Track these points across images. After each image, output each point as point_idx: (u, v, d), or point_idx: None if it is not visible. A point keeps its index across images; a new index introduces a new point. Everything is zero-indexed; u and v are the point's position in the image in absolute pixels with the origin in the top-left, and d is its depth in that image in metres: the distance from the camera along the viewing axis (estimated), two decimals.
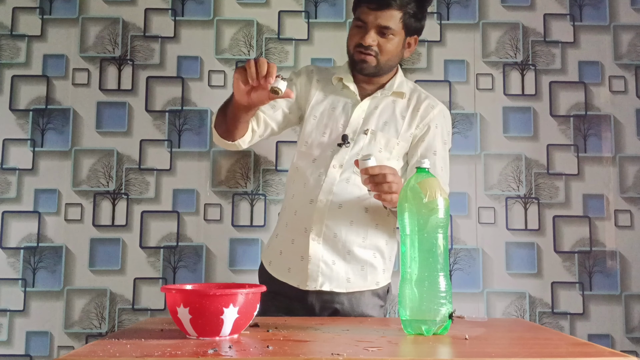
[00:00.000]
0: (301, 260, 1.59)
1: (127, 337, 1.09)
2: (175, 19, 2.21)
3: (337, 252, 1.59)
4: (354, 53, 1.61)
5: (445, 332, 1.14)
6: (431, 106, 1.67)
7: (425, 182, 1.16)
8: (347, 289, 1.59)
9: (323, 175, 1.59)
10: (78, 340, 2.07)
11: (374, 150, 1.60)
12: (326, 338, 1.12)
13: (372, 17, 1.56)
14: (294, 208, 1.63)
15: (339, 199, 1.58)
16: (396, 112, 1.65)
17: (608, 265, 2.14)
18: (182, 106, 2.17)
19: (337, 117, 1.65)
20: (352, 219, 1.60)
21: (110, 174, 2.14)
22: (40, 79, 2.17)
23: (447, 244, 1.16)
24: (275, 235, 1.70)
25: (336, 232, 1.58)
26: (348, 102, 1.66)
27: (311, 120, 1.65)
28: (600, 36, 2.24)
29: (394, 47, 1.60)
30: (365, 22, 1.57)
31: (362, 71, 1.62)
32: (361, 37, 1.58)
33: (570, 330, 2.11)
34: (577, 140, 2.20)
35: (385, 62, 1.61)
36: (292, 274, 1.60)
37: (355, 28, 1.61)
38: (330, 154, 1.61)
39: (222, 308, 1.04)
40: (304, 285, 1.58)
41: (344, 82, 1.67)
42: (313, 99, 1.67)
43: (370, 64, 1.59)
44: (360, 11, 1.59)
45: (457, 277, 2.12)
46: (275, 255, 1.66)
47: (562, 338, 1.14)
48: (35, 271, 2.09)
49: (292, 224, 1.63)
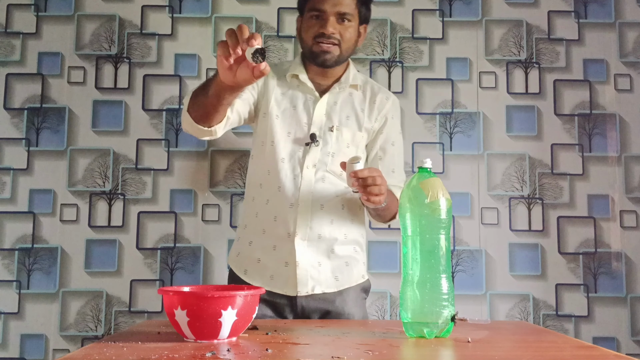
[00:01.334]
0: (285, 266, 1.58)
1: (124, 340, 1.09)
2: (173, 16, 2.21)
3: (322, 253, 1.60)
4: (312, 45, 1.60)
5: (447, 335, 1.14)
6: (386, 98, 1.72)
7: (427, 182, 1.16)
8: (337, 287, 1.60)
9: (299, 177, 1.59)
10: (74, 343, 2.07)
11: (342, 146, 1.63)
12: (326, 341, 1.12)
13: (330, 4, 1.58)
14: (271, 214, 1.61)
15: (319, 200, 1.60)
16: (355, 106, 1.68)
17: (613, 267, 2.14)
18: (180, 105, 2.17)
19: (299, 116, 1.64)
20: (333, 217, 1.62)
21: (107, 174, 2.14)
22: (35, 77, 2.17)
23: (449, 245, 1.16)
24: (247, 243, 1.65)
25: (320, 233, 1.60)
26: (308, 99, 1.66)
27: (274, 119, 1.63)
28: (606, 33, 2.24)
29: (352, 34, 1.63)
30: (324, 11, 1.58)
31: (325, 63, 1.61)
32: (321, 26, 1.59)
33: (574, 333, 2.11)
34: (581, 139, 2.20)
35: (346, 51, 1.62)
36: (275, 281, 1.59)
37: (311, 19, 1.61)
38: (302, 154, 1.61)
39: (220, 310, 1.04)
40: (293, 291, 1.57)
41: (299, 78, 1.66)
42: (272, 97, 1.65)
43: (333, 53, 1.60)
44: (315, 1, 1.60)
45: (460, 279, 2.12)
46: (252, 264, 1.63)
47: (566, 341, 1.14)
48: (30, 273, 2.09)
49: (272, 230, 1.60)
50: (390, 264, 2.13)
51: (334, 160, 1.61)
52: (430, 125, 2.19)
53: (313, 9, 1.60)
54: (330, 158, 1.62)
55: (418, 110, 2.19)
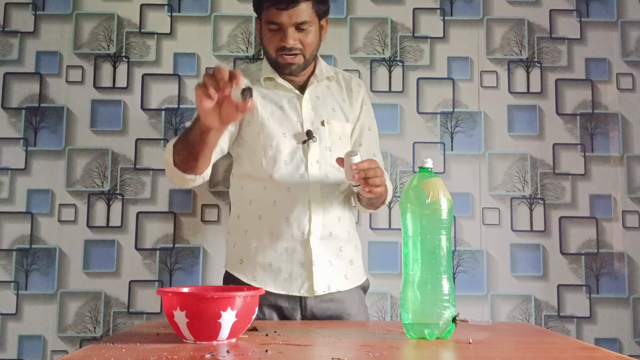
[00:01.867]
0: (301, 266, 1.58)
1: (122, 341, 1.09)
2: (172, 15, 2.21)
3: (331, 251, 1.61)
4: (277, 57, 1.61)
5: (448, 336, 1.14)
6: (358, 84, 1.76)
7: (428, 182, 1.16)
8: (348, 286, 1.62)
9: (305, 176, 1.60)
10: (72, 345, 2.07)
11: (335, 139, 1.64)
12: (327, 342, 1.12)
13: (286, 16, 1.55)
14: (282, 215, 1.60)
15: (328, 197, 1.61)
16: (336, 97, 1.70)
17: (615, 268, 2.14)
18: (179, 104, 2.17)
19: (288, 115, 1.65)
20: (339, 215, 1.65)
21: (105, 174, 2.14)
22: (33, 76, 2.17)
23: (450, 246, 1.16)
24: (252, 249, 1.62)
25: (331, 231, 1.62)
26: (290, 98, 1.67)
27: (266, 122, 1.63)
28: (608, 32, 2.24)
29: (314, 37, 1.63)
30: (280, 23, 1.56)
31: (292, 73, 1.64)
32: (281, 39, 1.58)
33: (576, 334, 2.11)
34: (583, 139, 2.20)
35: (310, 55, 1.64)
36: (292, 283, 1.59)
37: (270, 32, 1.59)
38: (302, 152, 1.61)
39: (220, 311, 1.04)
40: (311, 291, 1.57)
41: (276, 80, 1.67)
42: (258, 103, 1.65)
43: (298, 63, 1.62)
44: (270, 13, 1.56)
45: (461, 280, 2.12)
46: (262, 269, 1.60)
47: (568, 342, 1.14)
48: (28, 273, 2.09)
49: (284, 231, 1.59)
50: (390, 265, 2.13)
51: (331, 154, 1.63)
52: (431, 125, 2.19)
53: (270, 22, 1.58)
54: (329, 153, 1.63)
55: (419, 110, 2.19)
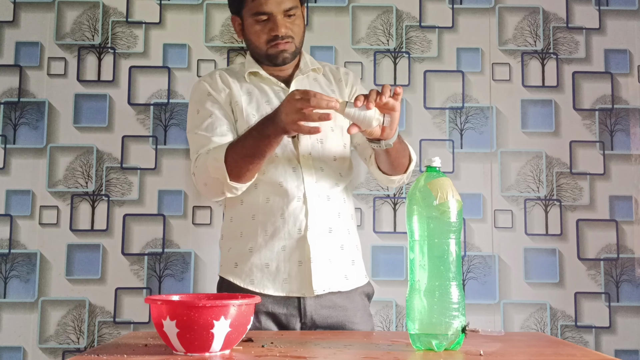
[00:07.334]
0: (299, 265, 1.59)
1: (108, 352, 1.09)
2: (161, 3, 2.22)
3: (331, 249, 1.62)
4: (267, 49, 1.66)
5: (457, 347, 1.14)
6: (345, 72, 1.80)
7: (436, 182, 1.16)
8: (347, 287, 1.62)
9: (298, 169, 1.62)
10: (54, 357, 2.07)
11: (327, 130, 1.65)
12: (327, 354, 1.12)
13: (274, 4, 1.62)
14: (277, 212, 1.62)
15: (324, 190, 1.63)
16: (324, 88, 1.73)
17: (637, 274, 2.15)
18: (169, 99, 2.17)
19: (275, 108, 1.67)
20: (339, 210, 1.66)
21: (90, 174, 2.14)
22: (12, 69, 2.17)
23: (459, 251, 1.16)
24: (247, 251, 1.63)
25: (330, 227, 1.63)
26: (276, 91, 1.70)
27: (252, 118, 1.65)
28: (629, 22, 2.25)
29: (301, 24, 1.70)
30: (269, 12, 1.63)
31: (285, 61, 1.68)
32: (271, 29, 1.64)
33: (595, 346, 2.11)
34: (602, 136, 2.20)
35: (299, 43, 1.70)
36: (291, 284, 1.60)
37: (258, 24, 1.65)
38: (292, 146, 1.64)
39: (212, 321, 1.04)
40: (310, 291, 1.58)
41: (260, 75, 1.71)
42: (242, 100, 1.68)
43: (289, 50, 1.67)
44: (256, 4, 1.63)
45: (471, 287, 2.12)
46: (259, 271, 1.62)
47: (586, 354, 1.14)
48: (7, 280, 2.09)
49: (280, 229, 1.61)
50: (396, 271, 2.13)
51: (324, 146, 1.66)
52: (439, 121, 2.19)
53: (258, 13, 1.64)
54: (320, 145, 1.65)
55: (426, 105, 2.19)
